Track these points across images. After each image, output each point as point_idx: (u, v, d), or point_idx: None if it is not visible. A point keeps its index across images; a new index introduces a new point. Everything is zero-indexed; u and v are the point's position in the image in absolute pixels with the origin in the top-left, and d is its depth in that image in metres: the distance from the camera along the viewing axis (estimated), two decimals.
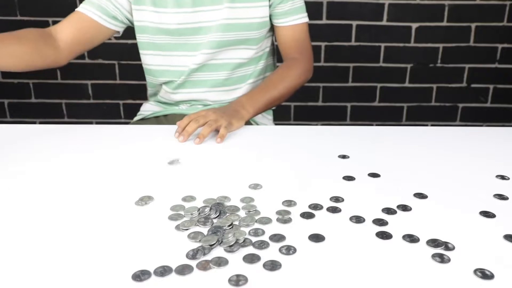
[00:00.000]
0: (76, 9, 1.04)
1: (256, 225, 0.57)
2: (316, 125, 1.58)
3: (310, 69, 1.14)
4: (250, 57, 1.11)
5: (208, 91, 1.13)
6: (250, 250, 0.52)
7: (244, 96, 1.04)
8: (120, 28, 1.08)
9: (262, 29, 1.09)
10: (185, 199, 0.64)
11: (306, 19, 1.12)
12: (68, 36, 1.02)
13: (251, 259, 0.50)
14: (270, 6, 1.08)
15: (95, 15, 1.02)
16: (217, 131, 0.91)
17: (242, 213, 0.60)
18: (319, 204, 0.63)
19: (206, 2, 1.03)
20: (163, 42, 1.07)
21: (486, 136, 0.94)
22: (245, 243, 0.53)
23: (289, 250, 0.52)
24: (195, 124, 0.89)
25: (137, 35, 1.09)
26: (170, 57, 1.09)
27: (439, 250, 0.52)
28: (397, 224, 0.58)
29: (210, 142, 0.88)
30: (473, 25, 2.13)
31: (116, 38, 2.06)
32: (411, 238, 0.54)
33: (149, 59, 1.13)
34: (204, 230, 0.55)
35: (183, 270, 0.48)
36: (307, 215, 0.60)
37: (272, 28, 1.14)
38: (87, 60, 2.16)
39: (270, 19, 1.10)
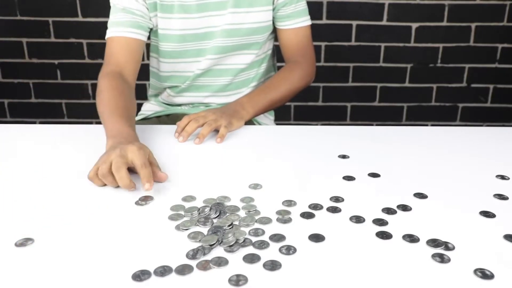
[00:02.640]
0: (113, 35, 1.00)
1: (256, 225, 0.57)
2: (316, 125, 1.58)
3: (312, 72, 1.14)
4: (253, 60, 1.11)
5: (211, 95, 1.14)
6: (250, 250, 0.52)
7: (244, 97, 1.03)
8: (147, 37, 1.06)
9: (265, 33, 1.09)
10: (185, 199, 0.64)
11: (309, 22, 1.12)
12: (131, 69, 1.01)
13: (251, 259, 0.50)
14: (273, 9, 1.07)
15: (132, 33, 1.00)
16: (216, 131, 0.91)
17: (242, 213, 0.60)
18: (319, 204, 0.63)
19: (211, 7, 1.03)
20: (168, 48, 1.07)
21: (486, 136, 0.94)
22: (245, 243, 0.53)
23: (289, 250, 0.52)
24: (194, 124, 0.89)
25: (151, 38, 1.10)
26: (175, 63, 1.10)
27: (439, 250, 0.52)
28: (397, 224, 0.58)
29: (210, 142, 0.88)
30: (473, 25, 2.13)
31: None
32: (411, 238, 0.54)
33: (155, 63, 1.14)
34: (204, 230, 0.55)
35: (183, 270, 0.48)
36: (307, 215, 0.60)
37: (274, 30, 1.13)
38: (87, 60, 2.16)
39: (273, 22, 1.10)
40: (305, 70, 1.11)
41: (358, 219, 0.59)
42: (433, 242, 0.53)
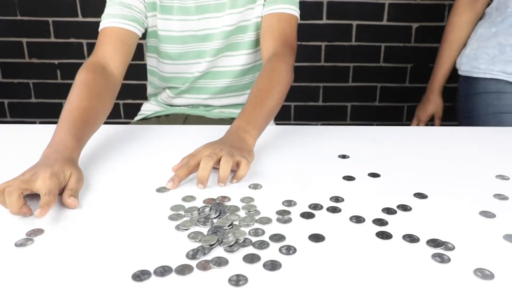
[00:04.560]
0: (105, 26, 0.96)
1: (256, 225, 0.57)
2: (316, 125, 1.58)
3: (293, 65, 0.99)
4: (249, 62, 1.11)
5: (210, 97, 1.14)
6: (250, 250, 0.52)
7: (241, 119, 0.82)
8: (141, 32, 1.03)
9: (258, 30, 1.07)
10: (185, 199, 0.64)
11: (296, 13, 1.02)
12: (118, 62, 0.95)
13: (251, 259, 0.50)
14: (264, 1, 1.03)
15: (126, 25, 0.96)
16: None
17: (242, 213, 0.60)
18: (319, 204, 0.63)
19: (210, 9, 1.03)
20: (169, 50, 1.07)
21: (486, 136, 0.94)
22: (245, 243, 0.53)
23: (289, 250, 0.52)
24: (208, 164, 0.69)
25: (147, 39, 1.10)
26: (175, 65, 1.10)
27: (439, 250, 0.52)
28: (397, 224, 0.58)
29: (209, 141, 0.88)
30: None
31: None
32: (411, 238, 0.54)
33: (155, 62, 1.14)
34: (204, 230, 0.55)
35: (183, 270, 0.48)
36: (307, 215, 0.60)
37: None
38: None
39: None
40: (289, 63, 0.96)
41: (358, 219, 0.59)
42: (433, 242, 0.53)
